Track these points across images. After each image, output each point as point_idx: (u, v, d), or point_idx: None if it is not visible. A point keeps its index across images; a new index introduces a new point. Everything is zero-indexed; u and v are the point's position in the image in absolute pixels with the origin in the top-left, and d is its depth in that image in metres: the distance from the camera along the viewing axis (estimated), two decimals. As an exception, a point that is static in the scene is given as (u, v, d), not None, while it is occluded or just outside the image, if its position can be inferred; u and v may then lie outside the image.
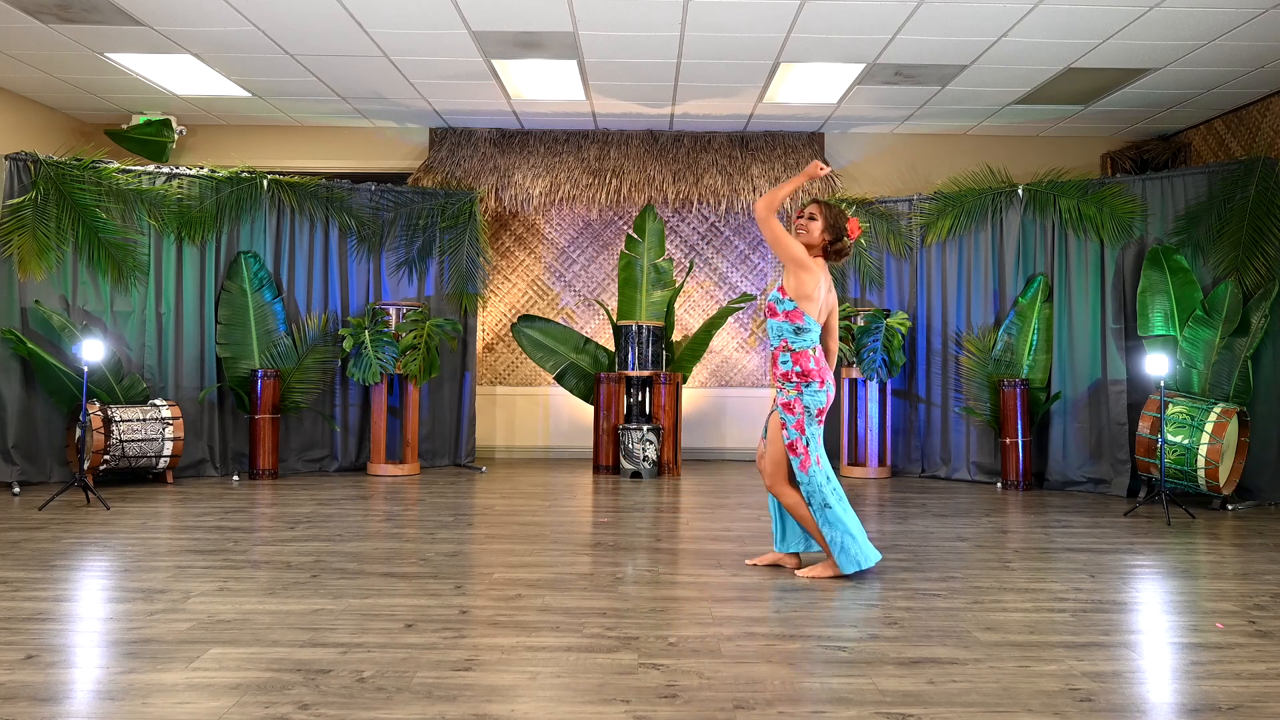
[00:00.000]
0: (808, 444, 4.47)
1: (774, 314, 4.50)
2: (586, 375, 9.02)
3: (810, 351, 4.46)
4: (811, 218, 4.52)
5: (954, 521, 6.24)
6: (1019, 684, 3.08)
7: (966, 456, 8.43)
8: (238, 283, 8.19)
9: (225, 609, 3.88)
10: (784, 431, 4.48)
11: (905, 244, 8.85)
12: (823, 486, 4.47)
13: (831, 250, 4.55)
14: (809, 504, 4.50)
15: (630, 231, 9.22)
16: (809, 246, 4.52)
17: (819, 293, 4.45)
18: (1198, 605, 4.15)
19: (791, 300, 4.43)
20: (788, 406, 4.47)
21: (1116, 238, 7.76)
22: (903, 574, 4.67)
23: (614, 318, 9.20)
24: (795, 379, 4.46)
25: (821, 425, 4.52)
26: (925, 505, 6.94)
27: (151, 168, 8.02)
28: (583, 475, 8.42)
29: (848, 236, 4.53)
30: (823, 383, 4.46)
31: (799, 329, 4.44)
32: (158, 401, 7.60)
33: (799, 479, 4.51)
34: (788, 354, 4.47)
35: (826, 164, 4.57)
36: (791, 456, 4.49)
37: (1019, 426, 7.85)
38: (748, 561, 4.82)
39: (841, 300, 9.00)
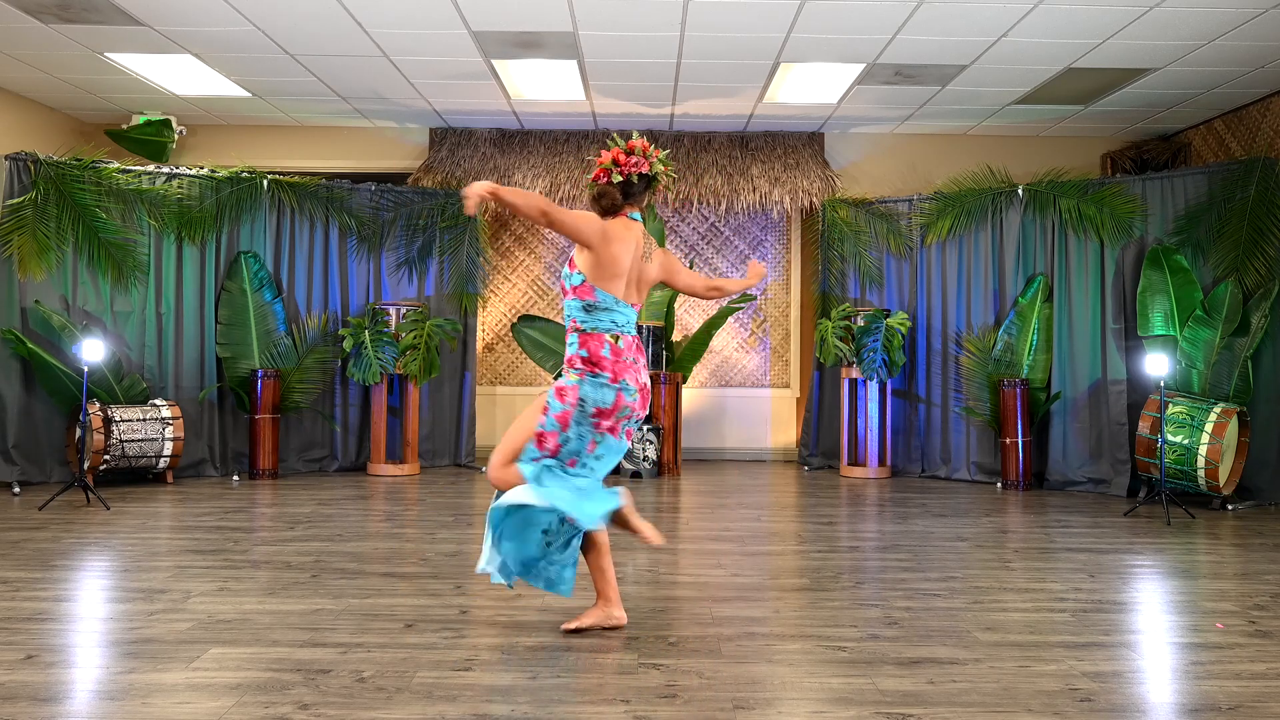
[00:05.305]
0: (562, 444, 3.54)
1: (565, 292, 3.67)
2: (586, 375, 9.00)
3: (607, 337, 3.59)
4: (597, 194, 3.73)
5: (954, 521, 6.24)
6: (1019, 684, 3.08)
7: (966, 456, 8.43)
8: (238, 283, 8.19)
9: (225, 609, 3.88)
10: (542, 417, 3.57)
11: (905, 244, 8.85)
12: (548, 469, 3.55)
13: (593, 202, 3.71)
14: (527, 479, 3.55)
15: (630, 231, 9.20)
16: (606, 211, 3.68)
17: (622, 262, 3.59)
18: (1198, 605, 4.15)
19: (580, 274, 3.60)
20: (560, 392, 3.55)
21: (1116, 238, 7.76)
22: (903, 574, 4.66)
23: (614, 318, 9.18)
24: (580, 366, 3.57)
25: (604, 433, 3.56)
26: (925, 505, 6.94)
27: (151, 168, 8.02)
28: (583, 475, 8.41)
29: (619, 170, 3.67)
30: (615, 377, 3.55)
31: (589, 306, 3.60)
32: (158, 401, 7.59)
33: (523, 461, 3.56)
34: (576, 335, 3.61)
35: None
36: (532, 447, 3.55)
37: (1019, 426, 7.85)
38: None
39: (841, 300, 9.00)
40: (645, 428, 8.23)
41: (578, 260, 3.62)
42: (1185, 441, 6.73)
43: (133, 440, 7.25)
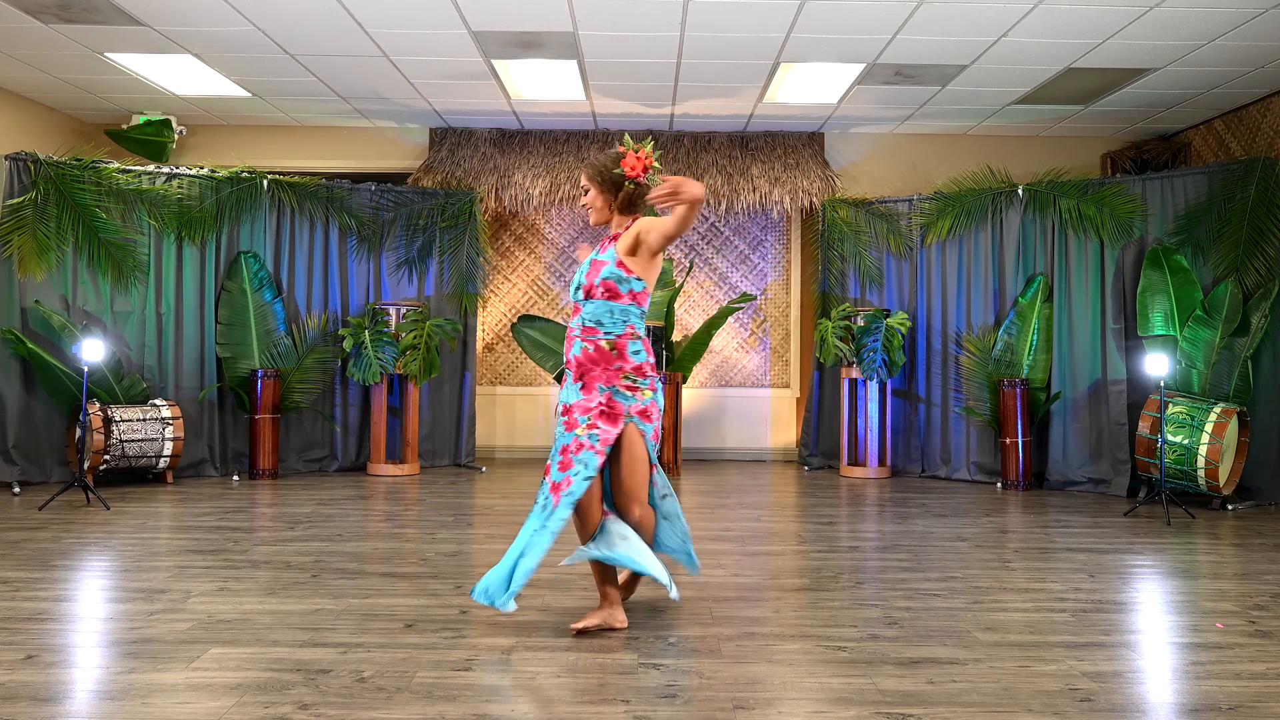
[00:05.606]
0: (653, 463, 3.72)
1: (616, 295, 3.59)
2: (586, 375, 9.00)
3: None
4: (586, 191, 3.75)
5: (954, 521, 6.24)
6: (1019, 684, 3.08)
7: (966, 456, 8.42)
8: (238, 283, 8.19)
9: (225, 609, 3.88)
10: (647, 444, 3.63)
11: (905, 244, 8.85)
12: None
13: (628, 203, 3.71)
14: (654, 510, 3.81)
15: (630, 231, 9.20)
16: (608, 220, 3.76)
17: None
18: (1198, 605, 4.15)
19: (641, 280, 3.62)
20: (645, 414, 3.62)
21: (1116, 238, 7.76)
22: (903, 574, 4.67)
23: (614, 318, 9.18)
24: (650, 373, 3.65)
25: None
26: (925, 505, 6.94)
27: (151, 168, 8.02)
28: (583, 475, 8.40)
29: (627, 177, 3.63)
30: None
31: (644, 313, 3.68)
32: (158, 401, 7.59)
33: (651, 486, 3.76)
34: (639, 341, 3.64)
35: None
36: (656, 475, 3.74)
37: (1019, 426, 7.85)
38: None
39: (841, 300, 9.01)
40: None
41: (632, 264, 3.58)
42: (1185, 441, 6.73)
43: (133, 440, 7.25)
